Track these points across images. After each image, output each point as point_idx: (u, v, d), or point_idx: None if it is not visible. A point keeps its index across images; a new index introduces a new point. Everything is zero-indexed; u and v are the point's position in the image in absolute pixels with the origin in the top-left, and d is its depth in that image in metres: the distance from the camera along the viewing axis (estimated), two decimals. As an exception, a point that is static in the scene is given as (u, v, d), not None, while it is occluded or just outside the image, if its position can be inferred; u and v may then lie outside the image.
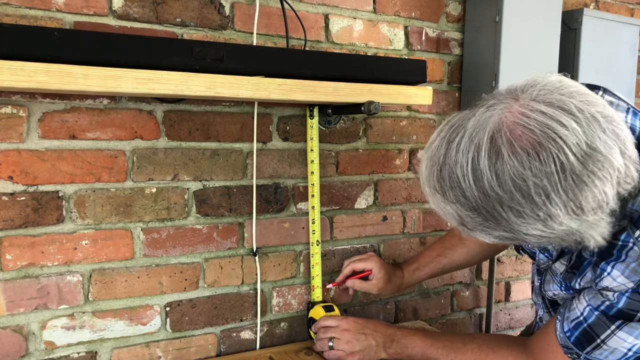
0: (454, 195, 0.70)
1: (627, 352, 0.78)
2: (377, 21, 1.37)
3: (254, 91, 1.01)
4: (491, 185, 0.66)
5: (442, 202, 0.73)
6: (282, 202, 1.28)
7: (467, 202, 0.69)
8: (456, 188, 0.69)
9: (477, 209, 0.69)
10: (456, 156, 0.69)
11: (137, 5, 1.09)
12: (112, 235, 1.11)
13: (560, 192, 0.64)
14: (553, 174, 0.63)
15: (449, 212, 0.73)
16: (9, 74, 0.82)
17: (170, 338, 1.18)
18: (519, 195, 0.65)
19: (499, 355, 0.95)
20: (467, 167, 0.68)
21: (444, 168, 0.71)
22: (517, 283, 1.70)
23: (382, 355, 1.09)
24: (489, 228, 0.70)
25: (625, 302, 0.77)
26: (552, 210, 0.65)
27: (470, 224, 0.71)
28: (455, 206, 0.71)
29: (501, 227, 0.69)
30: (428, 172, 0.74)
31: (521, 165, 0.64)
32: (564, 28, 1.51)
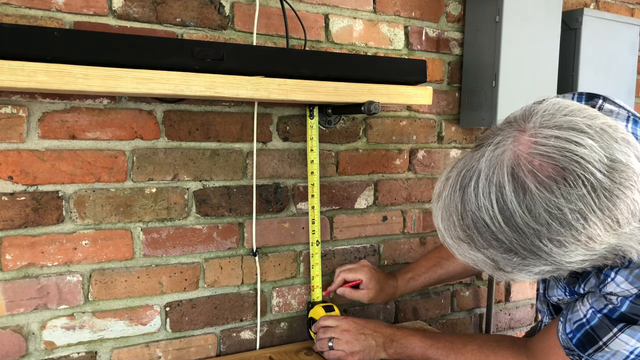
0: (485, 241, 0.67)
1: (629, 355, 0.78)
2: (377, 21, 1.37)
3: (254, 91, 1.01)
4: (525, 221, 0.64)
5: (471, 251, 0.70)
6: (282, 202, 1.28)
7: (501, 244, 0.66)
8: (486, 233, 0.67)
9: (513, 250, 0.66)
10: (477, 201, 0.66)
11: (137, 5, 1.09)
12: (112, 235, 1.11)
13: (597, 211, 0.63)
14: (585, 195, 0.62)
15: (480, 260, 0.70)
16: (9, 74, 0.82)
17: (170, 338, 1.18)
18: (557, 225, 0.63)
19: (499, 356, 0.95)
20: (493, 209, 0.65)
21: (466, 215, 0.68)
22: (517, 283, 1.70)
23: (382, 355, 1.09)
24: (529, 266, 0.68)
25: (628, 306, 0.77)
26: (592, 231, 0.63)
27: (508, 267, 0.69)
28: (487, 252, 0.68)
29: (542, 261, 0.66)
30: (447, 223, 0.71)
31: (552, 194, 0.63)
32: (564, 28, 1.51)
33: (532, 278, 0.71)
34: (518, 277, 0.70)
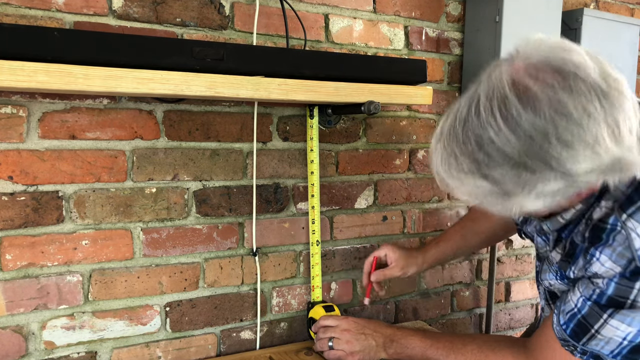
0: (491, 160, 0.65)
1: (622, 341, 0.78)
2: (377, 21, 1.37)
3: (254, 91, 1.01)
4: (531, 123, 0.62)
5: (477, 181, 0.67)
6: (282, 202, 1.28)
7: (508, 160, 0.64)
8: (492, 150, 0.65)
9: (521, 163, 0.64)
10: (479, 120, 0.65)
11: (137, 5, 1.09)
12: (112, 235, 1.11)
13: (599, 109, 0.62)
14: (587, 93, 0.62)
15: (486, 190, 0.67)
16: (9, 74, 0.82)
17: (170, 338, 1.18)
18: (563, 122, 0.62)
19: (498, 355, 0.95)
20: (497, 122, 0.64)
21: (469, 141, 0.66)
22: (517, 283, 1.70)
23: (382, 355, 1.09)
24: (539, 182, 0.65)
25: (614, 288, 0.77)
26: (597, 132, 0.62)
27: (517, 187, 0.65)
28: (495, 173, 0.65)
29: (552, 173, 0.64)
30: (448, 161, 0.69)
31: (555, 92, 0.62)
32: (564, 28, 1.51)
33: (542, 205, 0.68)
34: (528, 202, 0.67)
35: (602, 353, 0.80)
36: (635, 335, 0.77)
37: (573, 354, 0.83)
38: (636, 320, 0.76)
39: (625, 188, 0.76)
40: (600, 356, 0.80)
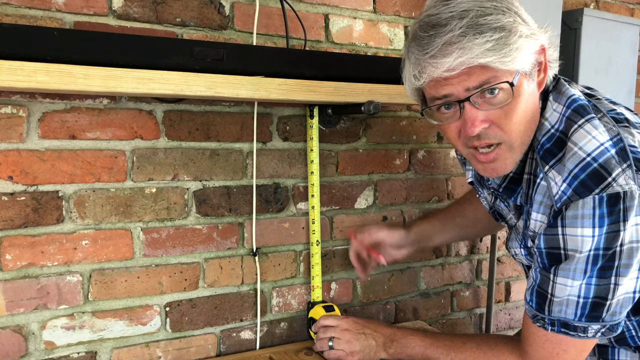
0: (495, 8, 0.78)
1: (579, 300, 0.80)
2: (377, 21, 1.37)
3: (254, 91, 1.01)
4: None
5: (488, 27, 0.77)
6: (282, 202, 1.28)
7: (497, 7, 0.78)
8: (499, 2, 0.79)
9: (502, 11, 0.78)
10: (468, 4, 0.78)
11: (137, 5, 1.09)
12: (112, 235, 1.11)
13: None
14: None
15: (493, 38, 0.76)
16: (8, 74, 0.82)
17: (170, 338, 1.18)
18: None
19: (495, 352, 0.96)
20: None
21: (467, 15, 0.77)
22: (517, 283, 1.70)
23: (382, 355, 1.09)
24: (519, 24, 0.79)
25: (544, 240, 0.81)
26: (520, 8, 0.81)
27: (509, 23, 0.78)
28: (506, 13, 0.79)
29: (519, 17, 0.80)
30: (459, 31, 0.77)
31: None
32: (564, 28, 1.51)
33: (528, 46, 0.79)
34: (521, 42, 0.78)
35: (567, 319, 0.82)
36: (585, 289, 0.80)
37: (545, 328, 0.85)
38: (577, 272, 0.79)
39: (542, 138, 0.83)
40: (568, 323, 0.82)
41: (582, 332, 0.82)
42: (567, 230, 0.78)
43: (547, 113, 0.84)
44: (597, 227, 0.76)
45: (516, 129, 0.82)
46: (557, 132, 0.82)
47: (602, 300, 0.80)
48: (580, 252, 0.78)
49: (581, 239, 0.77)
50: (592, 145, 0.78)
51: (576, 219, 0.77)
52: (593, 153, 0.77)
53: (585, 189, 0.76)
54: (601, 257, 0.78)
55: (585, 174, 0.76)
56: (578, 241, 0.77)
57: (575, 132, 0.79)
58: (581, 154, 0.77)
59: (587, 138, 0.78)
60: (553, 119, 0.83)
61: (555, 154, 0.81)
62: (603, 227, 0.76)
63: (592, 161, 0.76)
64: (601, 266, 0.78)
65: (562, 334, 0.84)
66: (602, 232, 0.76)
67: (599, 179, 0.76)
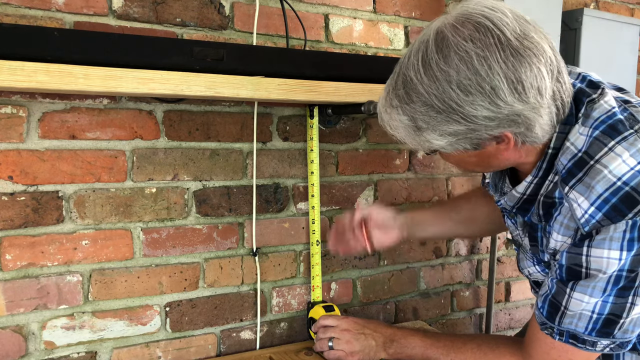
0: (407, 96, 0.74)
1: (592, 315, 0.79)
2: (377, 21, 1.37)
3: (254, 91, 1.01)
4: (439, 65, 0.71)
5: (397, 114, 0.76)
6: (282, 202, 1.28)
7: (420, 97, 0.73)
8: (409, 88, 0.74)
9: (429, 103, 0.72)
10: (408, 62, 0.75)
11: (137, 5, 1.09)
12: (112, 235, 1.11)
13: (500, 61, 0.69)
14: (492, 45, 0.69)
15: (405, 124, 0.76)
16: (8, 74, 0.82)
17: (170, 338, 1.18)
18: (464, 68, 0.70)
19: (496, 353, 0.95)
20: (417, 63, 0.73)
21: (399, 79, 0.76)
22: (517, 283, 1.70)
23: (382, 355, 1.09)
24: (443, 122, 0.73)
25: (566, 257, 0.80)
26: (495, 82, 0.69)
27: (425, 123, 0.74)
28: (409, 108, 0.74)
29: (453, 115, 0.72)
30: (385, 98, 0.78)
31: (463, 40, 0.70)
32: (564, 28, 1.51)
33: (445, 143, 0.76)
34: (433, 137, 0.75)
35: (577, 331, 0.81)
36: (601, 306, 0.78)
37: (552, 336, 0.84)
38: (597, 289, 0.78)
39: (566, 162, 0.79)
40: (577, 335, 0.82)
41: (590, 345, 0.81)
42: (593, 252, 0.76)
43: (572, 137, 0.79)
44: (625, 251, 0.75)
45: (477, 169, 0.85)
46: (580, 152, 0.79)
47: (616, 317, 0.78)
48: (604, 273, 0.76)
49: (607, 260, 0.75)
50: (622, 169, 0.75)
51: (604, 241, 0.75)
52: (624, 177, 0.74)
53: (618, 213, 0.74)
54: (624, 278, 0.76)
55: (617, 198, 0.74)
56: (603, 262, 0.76)
57: (605, 155, 0.76)
58: (611, 178, 0.75)
59: (617, 161, 0.75)
60: (579, 142, 0.79)
61: (575, 174, 0.78)
62: (632, 251, 0.75)
63: (623, 185, 0.74)
64: (622, 286, 0.77)
65: (570, 344, 0.83)
66: (630, 255, 0.75)
67: (631, 202, 0.73)
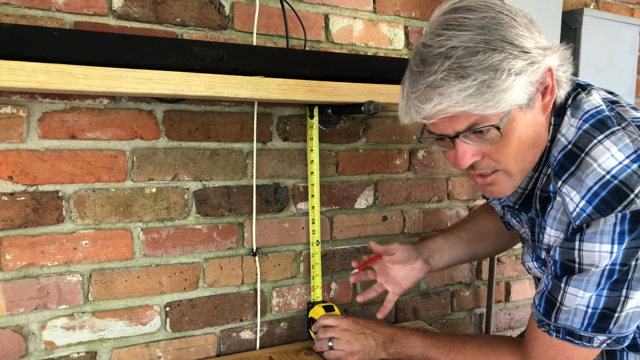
0: (465, 60, 0.74)
1: (587, 310, 0.80)
2: (377, 21, 1.37)
3: (254, 91, 1.01)
4: (479, 18, 0.76)
5: (458, 88, 0.74)
6: (282, 202, 1.28)
7: (475, 50, 0.74)
8: (460, 53, 0.75)
9: (485, 49, 0.74)
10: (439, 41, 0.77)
11: (137, 5, 1.09)
12: (112, 235, 1.11)
13: (518, 19, 0.79)
14: (508, 9, 0.79)
15: (471, 88, 0.74)
16: (8, 74, 0.82)
17: (170, 338, 1.18)
18: (499, 15, 0.77)
19: (497, 353, 0.96)
20: (454, 31, 0.76)
21: (439, 60, 0.76)
22: (517, 283, 1.70)
23: (382, 355, 1.09)
24: (507, 58, 0.74)
25: (559, 252, 0.81)
26: (526, 20, 0.80)
27: (491, 69, 0.74)
28: (471, 68, 0.74)
29: (510, 45, 0.75)
30: (429, 82, 0.76)
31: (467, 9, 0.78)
32: (564, 28, 1.51)
33: (516, 82, 0.75)
34: (506, 84, 0.74)
35: (573, 327, 0.82)
36: (595, 300, 0.79)
37: (550, 333, 0.85)
38: (590, 284, 0.78)
39: (557, 154, 0.81)
40: (574, 331, 0.82)
41: (587, 341, 0.82)
42: (585, 246, 0.77)
43: (564, 129, 0.81)
44: (616, 244, 0.75)
45: (512, 160, 0.82)
46: (570, 145, 0.80)
47: (611, 312, 0.79)
48: (597, 267, 0.77)
49: (599, 254, 0.76)
50: (611, 163, 0.76)
51: (595, 235, 0.76)
52: (612, 170, 0.75)
53: (607, 206, 0.75)
54: (617, 272, 0.77)
55: (606, 191, 0.74)
56: (595, 257, 0.77)
57: (594, 148, 0.77)
58: (600, 171, 0.76)
59: (606, 155, 0.76)
60: (570, 134, 0.81)
61: (568, 168, 0.79)
62: (623, 244, 0.75)
63: (612, 178, 0.75)
64: (615, 280, 0.78)
65: (567, 341, 0.83)
66: (621, 248, 0.75)
67: (620, 196, 0.74)
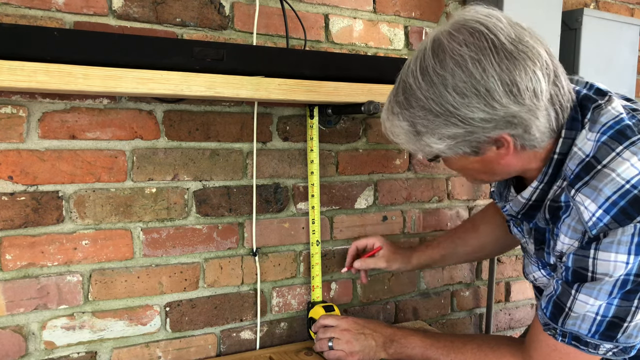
0: (407, 102, 0.77)
1: (596, 317, 0.79)
2: (377, 21, 1.37)
3: (254, 91, 1.01)
4: (435, 70, 0.74)
5: (398, 121, 0.80)
6: (282, 202, 1.28)
7: (418, 102, 0.76)
8: (409, 94, 0.77)
9: (427, 107, 0.75)
10: (407, 70, 0.78)
11: (137, 5, 1.09)
12: (112, 235, 1.11)
13: (494, 64, 0.72)
14: (486, 48, 0.72)
15: (405, 129, 0.79)
16: (8, 74, 0.82)
17: (170, 338, 1.18)
18: (459, 71, 0.72)
19: (497, 354, 0.95)
20: (416, 70, 0.76)
21: (399, 87, 0.79)
22: (517, 283, 1.70)
23: (382, 355, 1.09)
24: (441, 125, 0.76)
25: (572, 259, 0.80)
26: (490, 84, 0.72)
27: (424, 127, 0.77)
28: (409, 114, 0.77)
29: (451, 118, 0.74)
30: (387, 106, 0.82)
31: (458, 45, 0.73)
32: (564, 28, 1.51)
33: (445, 145, 0.77)
34: (432, 141, 0.78)
35: (580, 333, 0.81)
36: (605, 308, 0.78)
37: (555, 337, 0.84)
38: (602, 292, 0.78)
39: (574, 167, 0.80)
40: (580, 337, 0.81)
41: (593, 348, 0.81)
42: (600, 255, 0.76)
43: (580, 143, 0.80)
44: (632, 255, 0.75)
45: (462, 174, 0.88)
46: (588, 157, 0.79)
47: (620, 321, 0.78)
48: (611, 277, 0.76)
49: (614, 264, 0.75)
50: (631, 172, 0.75)
51: (612, 245, 0.75)
52: (632, 180, 0.74)
53: (626, 216, 0.74)
54: (631, 282, 0.76)
55: (626, 201, 0.74)
56: (610, 266, 0.76)
57: (613, 160, 0.76)
58: (620, 181, 0.75)
59: (625, 165, 0.75)
60: (587, 148, 0.79)
61: (582, 177, 0.78)
62: (639, 255, 0.74)
63: (632, 188, 0.74)
64: (628, 290, 0.77)
65: (572, 346, 0.82)
66: (638, 259, 0.75)
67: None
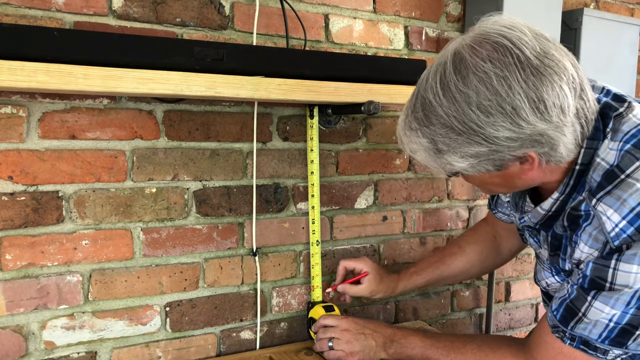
0: (427, 119, 0.74)
1: (609, 324, 0.79)
2: (377, 21, 1.37)
3: (254, 91, 1.01)
4: (457, 87, 0.70)
5: (417, 137, 0.76)
6: (282, 202, 1.28)
7: (439, 120, 0.73)
8: (429, 111, 0.73)
9: (449, 125, 0.72)
10: (426, 84, 0.74)
11: (137, 5, 1.09)
12: (112, 235, 1.11)
13: (520, 81, 0.68)
14: (511, 64, 0.68)
15: (425, 145, 0.76)
16: (8, 74, 0.82)
17: (170, 338, 1.18)
18: (483, 89, 0.69)
19: (498, 354, 0.95)
20: (435, 85, 0.72)
21: (417, 101, 0.76)
22: (517, 283, 1.70)
23: (382, 355, 1.09)
24: (464, 143, 0.72)
25: (591, 268, 0.79)
26: (516, 102, 0.68)
27: (445, 145, 0.74)
28: (429, 130, 0.74)
29: (474, 137, 0.71)
30: (404, 121, 0.78)
31: (482, 60, 0.69)
32: (564, 28, 1.51)
33: (468, 163, 0.75)
34: (454, 160, 0.75)
35: (590, 338, 0.80)
36: (620, 316, 0.78)
37: (563, 340, 0.84)
38: (619, 302, 0.77)
39: (599, 178, 0.78)
40: (589, 342, 0.81)
41: (601, 353, 0.80)
42: (621, 266, 0.75)
43: (602, 153, 0.78)
44: None
45: (512, 190, 0.87)
46: (612, 167, 0.77)
47: (632, 328, 0.78)
48: (630, 288, 0.75)
49: (635, 276, 0.74)
50: None
51: (634, 257, 0.74)
52: None
53: None
54: None
55: None
56: (631, 278, 0.75)
57: (638, 169, 0.74)
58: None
59: None
60: (610, 157, 0.77)
61: (604, 187, 0.76)
62: None
63: None
64: None
65: (580, 350, 0.82)
66: None
67: None
